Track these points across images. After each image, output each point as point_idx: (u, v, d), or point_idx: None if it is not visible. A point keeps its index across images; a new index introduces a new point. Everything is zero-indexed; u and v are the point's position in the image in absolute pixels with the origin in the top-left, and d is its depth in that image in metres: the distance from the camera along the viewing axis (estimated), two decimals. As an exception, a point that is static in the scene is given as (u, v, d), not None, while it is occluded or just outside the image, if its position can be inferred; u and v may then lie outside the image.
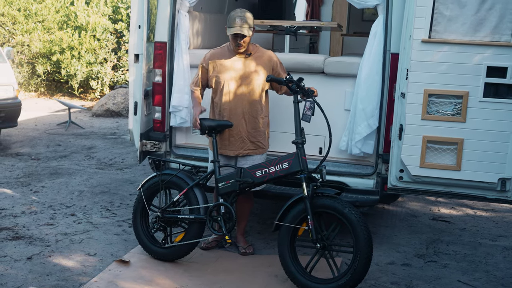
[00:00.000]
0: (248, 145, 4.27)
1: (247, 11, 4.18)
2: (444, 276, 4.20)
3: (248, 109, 4.23)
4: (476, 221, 5.58)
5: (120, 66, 13.95)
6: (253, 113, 4.24)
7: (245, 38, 4.11)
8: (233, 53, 4.24)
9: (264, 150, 4.36)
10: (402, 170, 4.02)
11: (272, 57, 4.30)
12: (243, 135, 4.25)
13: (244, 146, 4.26)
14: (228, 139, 4.27)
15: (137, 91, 4.77)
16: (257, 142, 4.29)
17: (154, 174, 4.26)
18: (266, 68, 4.24)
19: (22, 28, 13.71)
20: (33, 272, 4.03)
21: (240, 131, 4.24)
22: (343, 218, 3.61)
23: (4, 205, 5.54)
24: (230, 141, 4.27)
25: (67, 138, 9.19)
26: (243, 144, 4.26)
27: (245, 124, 4.24)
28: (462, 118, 3.83)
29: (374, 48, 4.34)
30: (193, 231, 4.11)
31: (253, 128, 4.26)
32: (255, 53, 4.26)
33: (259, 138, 4.29)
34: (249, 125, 4.25)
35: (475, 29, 3.76)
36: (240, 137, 4.25)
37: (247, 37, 4.11)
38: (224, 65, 4.24)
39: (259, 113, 4.27)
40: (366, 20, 8.41)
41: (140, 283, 3.83)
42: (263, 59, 4.26)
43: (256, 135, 4.28)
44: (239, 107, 4.22)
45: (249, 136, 4.26)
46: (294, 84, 3.87)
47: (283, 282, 3.86)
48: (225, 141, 4.28)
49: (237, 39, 4.11)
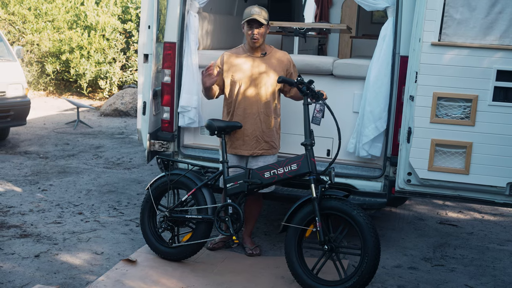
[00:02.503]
0: (262, 144, 4.27)
1: (263, 8, 4.24)
2: (451, 280, 4.19)
3: (263, 108, 4.24)
4: (484, 225, 5.56)
5: (128, 66, 14.00)
6: (267, 112, 4.25)
7: (260, 28, 4.14)
8: (248, 53, 4.28)
9: (276, 150, 4.37)
10: (410, 173, 4.00)
11: (287, 57, 4.32)
12: (258, 135, 4.25)
13: (259, 146, 4.27)
14: (242, 139, 4.27)
15: (146, 91, 4.79)
16: (271, 142, 4.30)
17: (162, 174, 4.27)
18: (280, 68, 4.26)
19: (32, 27, 13.79)
20: (40, 270, 4.05)
21: (255, 130, 4.25)
22: (351, 220, 3.61)
23: (12, 203, 5.57)
24: (244, 141, 4.27)
25: (76, 137, 9.23)
26: (258, 144, 4.27)
27: (260, 123, 4.25)
28: (471, 121, 3.81)
29: (383, 50, 4.34)
30: (201, 231, 4.11)
31: (267, 127, 4.27)
32: (270, 53, 4.29)
33: (272, 138, 4.31)
34: (264, 124, 4.25)
35: (485, 32, 3.75)
36: (254, 136, 4.25)
37: (262, 28, 4.15)
38: (239, 65, 4.27)
39: (273, 113, 4.28)
40: (375, 23, 8.40)
41: (147, 282, 3.84)
42: (278, 60, 4.28)
43: (270, 135, 4.29)
44: (254, 107, 4.24)
45: (263, 135, 4.26)
46: (305, 86, 3.87)
47: (290, 284, 3.86)
48: (239, 140, 4.28)
49: (252, 28, 4.13)
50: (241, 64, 4.27)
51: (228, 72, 4.29)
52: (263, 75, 4.23)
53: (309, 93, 3.88)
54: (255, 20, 4.12)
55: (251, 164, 4.29)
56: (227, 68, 4.29)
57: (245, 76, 4.24)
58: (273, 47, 4.39)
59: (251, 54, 4.27)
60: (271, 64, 4.25)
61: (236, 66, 4.27)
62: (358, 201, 4.34)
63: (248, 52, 4.28)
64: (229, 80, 4.28)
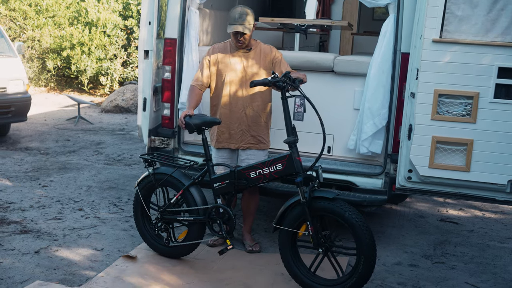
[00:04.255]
0: (248, 138, 4.26)
1: (248, 8, 4.17)
2: (451, 278, 4.18)
3: (249, 102, 4.23)
4: (484, 222, 5.55)
5: (129, 63, 13.99)
6: (254, 107, 4.24)
7: (245, 35, 4.14)
8: (234, 48, 4.27)
9: (266, 146, 4.33)
10: (411, 170, 3.99)
11: (271, 50, 4.29)
12: (244, 128, 4.25)
13: (245, 139, 4.26)
14: (228, 133, 4.28)
15: (146, 87, 4.78)
16: (258, 137, 4.28)
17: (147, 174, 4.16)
18: (266, 62, 4.25)
19: (33, 23, 13.78)
20: (40, 266, 4.05)
21: (240, 125, 4.25)
22: (344, 222, 3.48)
23: (12, 199, 5.57)
24: (230, 134, 4.28)
25: (76, 133, 9.23)
26: (244, 137, 4.26)
27: (246, 118, 4.24)
28: (472, 119, 3.80)
29: (384, 47, 4.33)
30: (194, 232, 4.03)
31: (254, 122, 4.25)
32: (255, 48, 4.27)
33: (260, 133, 4.28)
34: (250, 118, 4.24)
35: (486, 29, 3.73)
36: (240, 130, 4.25)
37: (247, 34, 4.14)
38: (225, 60, 4.27)
39: (261, 108, 4.26)
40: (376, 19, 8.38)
41: (147, 279, 3.84)
42: (263, 54, 4.27)
43: (257, 130, 4.27)
44: (240, 101, 4.23)
45: (249, 129, 4.26)
46: (280, 81, 3.70)
47: (290, 281, 3.85)
48: (225, 134, 4.29)
49: (237, 36, 4.15)
50: (226, 58, 4.27)
51: (214, 65, 4.29)
52: (248, 71, 4.23)
53: (285, 86, 3.71)
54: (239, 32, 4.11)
55: (241, 158, 4.29)
56: (213, 61, 4.29)
57: (230, 71, 4.24)
58: (258, 41, 4.35)
59: (237, 50, 4.27)
60: (257, 58, 4.25)
61: (222, 60, 4.27)
62: (359, 198, 4.33)
63: (234, 48, 4.28)
64: (215, 74, 4.29)
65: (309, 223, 3.55)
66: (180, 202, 4.12)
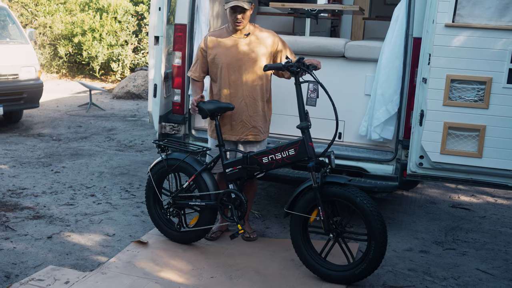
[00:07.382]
0: (250, 129, 4.13)
1: None
2: (462, 264, 4.17)
3: (248, 92, 4.09)
4: (496, 209, 5.51)
5: (140, 49, 13.99)
6: (254, 95, 4.10)
7: (244, 13, 3.96)
8: (232, 35, 4.10)
9: (264, 136, 4.23)
10: (422, 157, 3.97)
11: (273, 37, 4.13)
12: (244, 119, 4.11)
13: (246, 130, 4.13)
14: (230, 124, 4.14)
15: (157, 73, 4.78)
16: (258, 127, 4.15)
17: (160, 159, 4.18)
18: (266, 49, 4.09)
19: (44, 9, 13.81)
20: (53, 251, 4.09)
21: (240, 115, 4.10)
22: (355, 208, 3.48)
23: (25, 184, 5.62)
24: (232, 126, 4.15)
25: (88, 119, 9.27)
26: (245, 129, 4.13)
27: (246, 107, 4.10)
28: (485, 104, 3.76)
29: (395, 32, 4.27)
30: (206, 217, 4.06)
31: (254, 111, 4.12)
32: (254, 33, 4.11)
33: (259, 123, 4.16)
34: (250, 108, 4.11)
35: (500, 13, 3.67)
36: (241, 121, 4.12)
37: (247, 12, 3.96)
38: (222, 47, 4.09)
39: (260, 96, 4.13)
40: (388, 4, 8.28)
41: (158, 264, 3.87)
42: (263, 40, 4.10)
43: (257, 119, 4.14)
44: (239, 90, 4.09)
45: (250, 120, 4.12)
46: (294, 66, 3.67)
47: (300, 266, 3.86)
48: (227, 125, 4.15)
49: (236, 13, 3.96)
50: (224, 46, 4.09)
51: (211, 55, 4.12)
52: (246, 57, 4.06)
53: (299, 71, 3.68)
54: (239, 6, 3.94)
55: (241, 150, 4.16)
56: (210, 50, 4.12)
57: (229, 59, 4.07)
58: (257, 26, 4.19)
59: (235, 36, 4.10)
60: (256, 44, 4.08)
61: (219, 48, 4.10)
62: (370, 184, 4.31)
63: (232, 34, 4.11)
64: (213, 63, 4.13)
65: (320, 208, 3.55)
66: (192, 187, 4.13)
